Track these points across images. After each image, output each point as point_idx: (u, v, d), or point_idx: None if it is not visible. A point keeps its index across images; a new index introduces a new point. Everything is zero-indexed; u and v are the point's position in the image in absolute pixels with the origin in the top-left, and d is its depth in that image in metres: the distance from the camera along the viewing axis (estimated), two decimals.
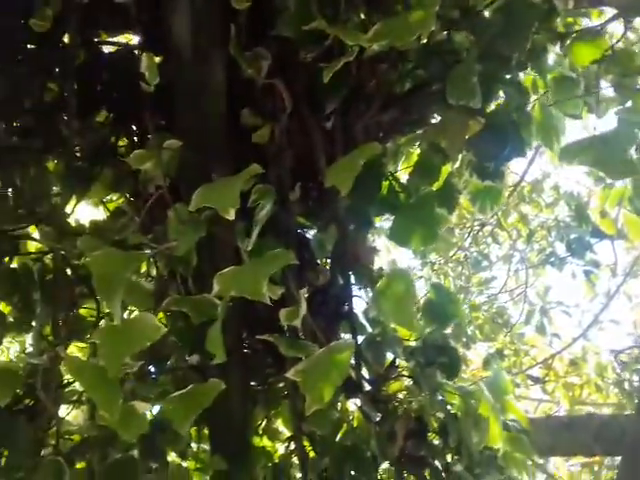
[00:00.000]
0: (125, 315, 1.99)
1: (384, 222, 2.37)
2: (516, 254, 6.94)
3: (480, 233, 6.69)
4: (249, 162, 1.80)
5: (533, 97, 2.11)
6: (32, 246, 2.13)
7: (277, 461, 2.12)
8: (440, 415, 1.95)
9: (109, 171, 1.96)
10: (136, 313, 2.16)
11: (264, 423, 2.27)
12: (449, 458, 2.02)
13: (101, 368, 1.45)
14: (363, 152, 1.61)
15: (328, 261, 1.94)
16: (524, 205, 6.43)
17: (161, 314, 1.88)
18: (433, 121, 1.99)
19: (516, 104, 1.93)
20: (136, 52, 1.89)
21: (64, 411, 2.10)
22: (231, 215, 1.42)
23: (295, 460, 2.10)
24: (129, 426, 1.60)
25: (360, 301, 2.04)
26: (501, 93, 1.96)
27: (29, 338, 2.30)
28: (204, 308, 1.63)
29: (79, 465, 1.97)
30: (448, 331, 2.03)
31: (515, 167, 5.95)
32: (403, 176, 2.09)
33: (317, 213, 1.90)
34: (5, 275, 1.92)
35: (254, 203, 1.54)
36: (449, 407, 1.93)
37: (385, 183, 1.98)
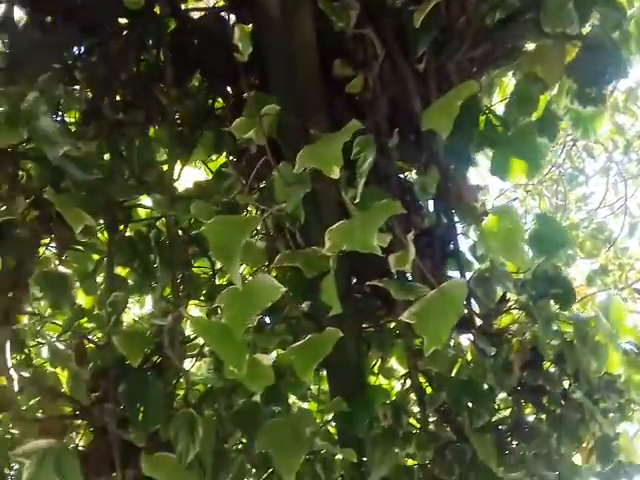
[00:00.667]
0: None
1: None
2: (613, 166, 6.71)
3: (574, 148, 6.49)
4: (344, 113, 1.82)
5: (629, 12, 2.02)
6: (142, 213, 2.23)
7: (395, 398, 2.17)
8: (555, 344, 1.96)
9: (209, 133, 2.01)
10: (245, 269, 2.26)
11: (379, 363, 2.34)
12: (567, 385, 2.04)
13: (226, 326, 1.51)
14: (460, 92, 1.59)
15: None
16: (619, 115, 6.17)
17: None
18: (527, 49, 1.94)
19: (613, 23, 1.86)
20: (224, 14, 1.92)
21: (187, 365, 2.20)
22: (336, 174, 1.44)
23: (412, 396, 2.17)
24: (256, 378, 1.67)
25: (465, 238, 2.06)
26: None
27: (148, 299, 2.42)
28: (316, 261, 1.66)
29: (207, 414, 2.08)
30: None
31: None
32: (499, 108, 2.06)
33: (416, 156, 1.89)
34: (124, 243, 2.01)
35: (356, 156, 1.55)
36: (564, 336, 1.93)
37: (481, 118, 1.95)
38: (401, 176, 1.99)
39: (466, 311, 1.94)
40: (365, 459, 2.02)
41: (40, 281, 2.05)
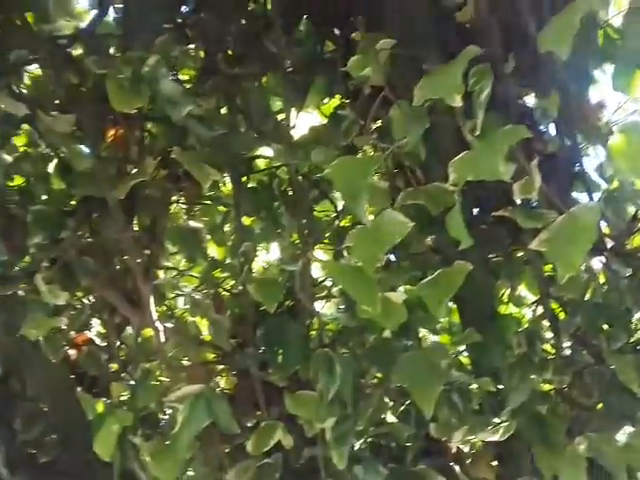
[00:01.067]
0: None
1: None
2: None
3: None
4: (456, 44, 1.78)
5: None
6: (261, 163, 2.29)
7: (527, 326, 2.17)
8: None
9: (320, 78, 2.01)
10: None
11: (508, 291, 2.33)
12: None
13: (357, 267, 1.54)
14: (577, 9, 1.52)
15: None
16: None
17: None
18: None
19: None
20: None
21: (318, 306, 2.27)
22: (458, 102, 1.42)
23: (544, 322, 2.15)
24: (389, 316, 1.70)
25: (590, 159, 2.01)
26: None
27: (274, 245, 2.50)
28: (440, 196, 1.66)
29: (341, 352, 2.14)
30: None
31: None
32: (616, 20, 1.97)
33: (534, 80, 1.84)
34: (249, 194, 2.07)
35: (473, 87, 1.52)
36: None
37: (599, 32, 1.88)
38: (519, 102, 1.94)
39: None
40: (501, 387, 2.04)
41: (174, 237, 2.15)
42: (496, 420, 2.00)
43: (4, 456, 2.42)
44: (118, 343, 2.35)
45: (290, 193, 2.08)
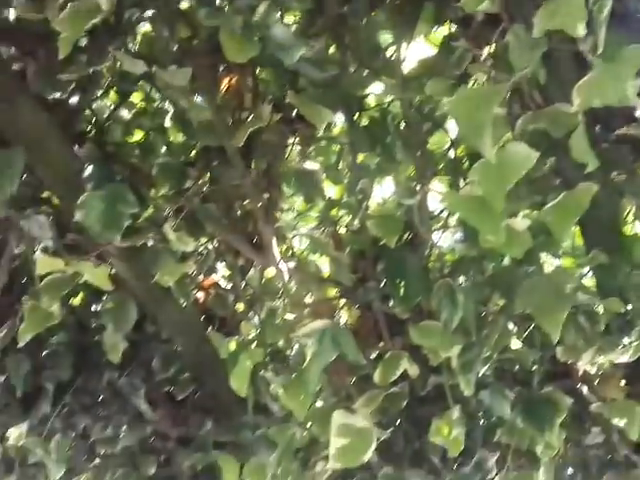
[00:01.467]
0: None
1: None
2: None
3: None
4: None
5: None
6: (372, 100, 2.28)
7: None
8: None
9: (430, 5, 1.97)
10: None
11: (633, 210, 2.26)
12: None
13: (478, 197, 1.52)
14: None
15: None
16: None
17: None
18: None
19: None
20: None
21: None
22: (581, 31, 1.37)
23: None
24: (513, 244, 1.68)
25: None
26: None
27: (387, 180, 2.50)
28: (562, 119, 1.62)
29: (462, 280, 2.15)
30: None
31: None
32: None
33: None
34: (362, 132, 2.07)
35: (593, 6, 1.47)
36: None
37: None
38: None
39: None
40: (629, 308, 2.01)
41: (290, 179, 2.19)
42: (625, 341, 1.99)
43: (145, 394, 2.59)
44: (243, 284, 2.43)
45: (402, 127, 2.06)
